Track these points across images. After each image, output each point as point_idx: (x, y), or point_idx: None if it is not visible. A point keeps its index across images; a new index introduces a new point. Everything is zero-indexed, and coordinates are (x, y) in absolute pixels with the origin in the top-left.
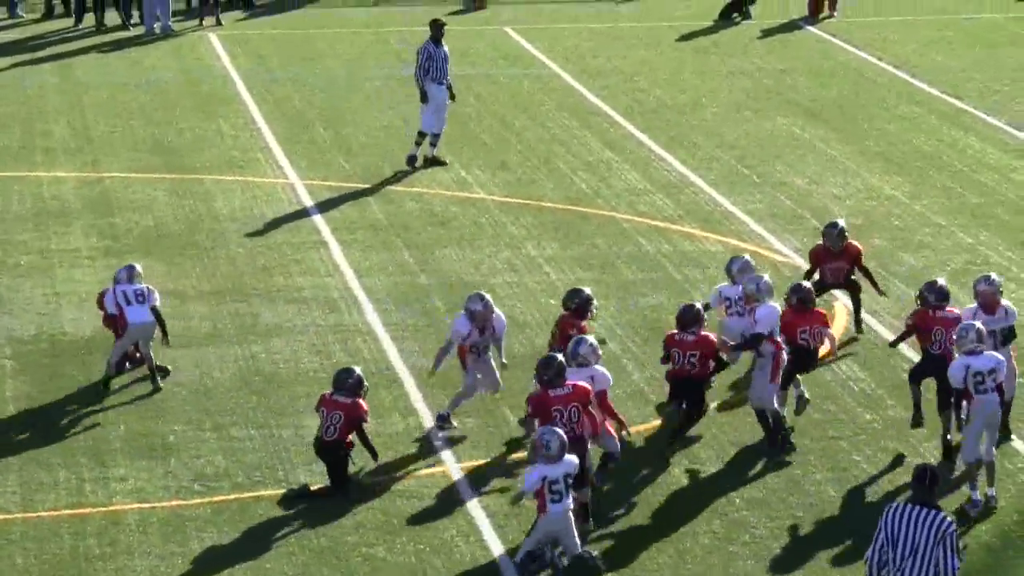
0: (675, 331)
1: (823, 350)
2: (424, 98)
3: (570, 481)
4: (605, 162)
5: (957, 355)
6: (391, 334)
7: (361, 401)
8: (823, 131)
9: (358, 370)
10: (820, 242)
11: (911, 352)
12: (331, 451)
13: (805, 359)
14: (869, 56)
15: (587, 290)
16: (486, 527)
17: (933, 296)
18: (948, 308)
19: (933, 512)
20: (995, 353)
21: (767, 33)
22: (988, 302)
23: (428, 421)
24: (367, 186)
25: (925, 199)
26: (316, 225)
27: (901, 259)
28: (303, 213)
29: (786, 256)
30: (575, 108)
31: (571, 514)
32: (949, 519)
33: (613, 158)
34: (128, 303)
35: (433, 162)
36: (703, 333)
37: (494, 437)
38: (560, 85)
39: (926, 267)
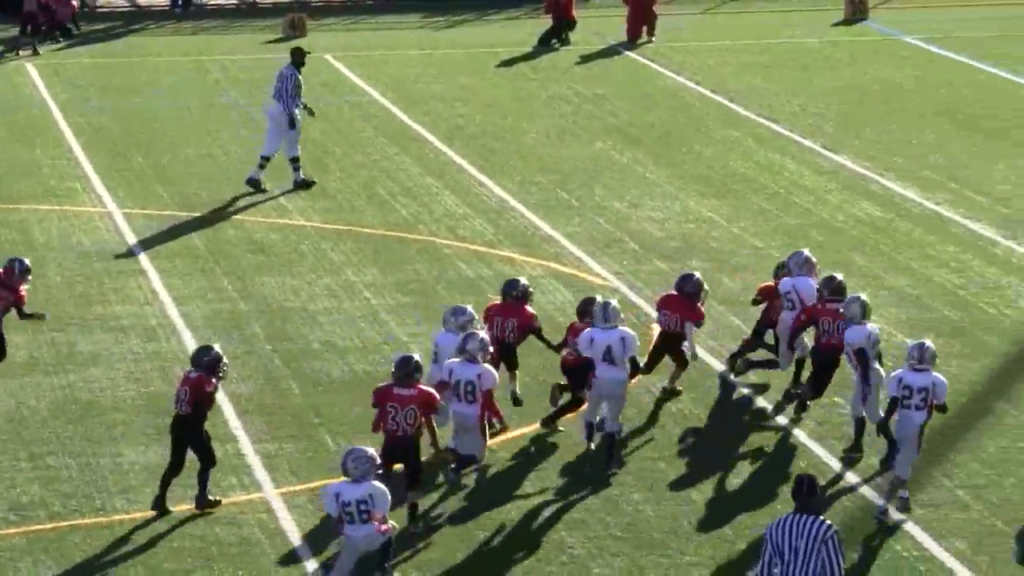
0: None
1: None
2: (292, 123)
3: (364, 508)
4: (425, 188)
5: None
6: None
7: (213, 379)
8: (642, 155)
9: (217, 348)
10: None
11: (718, 364)
12: (184, 425)
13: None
14: (687, 80)
15: (599, 297)
16: (304, 552)
17: (827, 291)
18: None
19: (813, 518)
20: (939, 375)
21: (586, 58)
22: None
23: (246, 447)
24: (185, 214)
25: (743, 221)
26: (134, 253)
27: (719, 281)
28: (121, 241)
29: (605, 279)
30: (395, 134)
31: (381, 540)
32: (829, 524)
33: (433, 184)
34: None
35: (257, 185)
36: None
37: (312, 462)
38: (380, 111)
39: (744, 289)
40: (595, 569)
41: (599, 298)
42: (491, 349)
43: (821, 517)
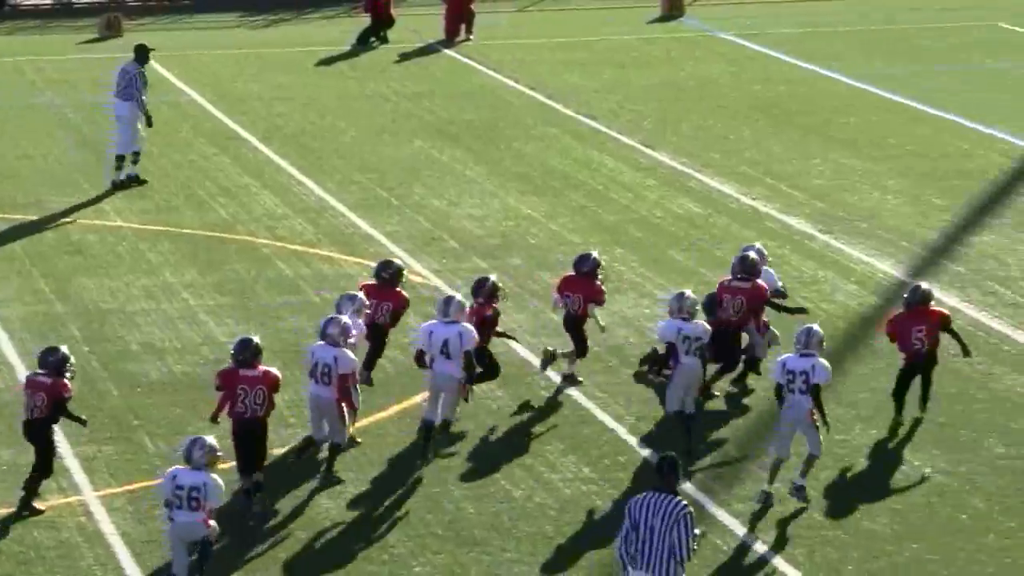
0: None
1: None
2: (150, 122)
3: (194, 495)
4: (244, 187)
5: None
6: (27, 364)
7: (65, 381)
8: (461, 153)
9: (64, 349)
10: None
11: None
12: (37, 431)
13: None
14: (505, 78)
15: (492, 277)
16: (124, 555)
17: (735, 268)
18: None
19: (669, 497)
20: (821, 359)
21: (404, 57)
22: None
23: (64, 449)
24: (1, 216)
25: (561, 218)
26: None
27: (538, 278)
28: None
29: (424, 277)
30: (213, 134)
31: (202, 533)
32: (684, 504)
33: (252, 183)
34: None
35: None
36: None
37: (131, 464)
38: (198, 111)
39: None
40: (416, 567)
41: (454, 299)
42: (354, 334)
43: (678, 497)
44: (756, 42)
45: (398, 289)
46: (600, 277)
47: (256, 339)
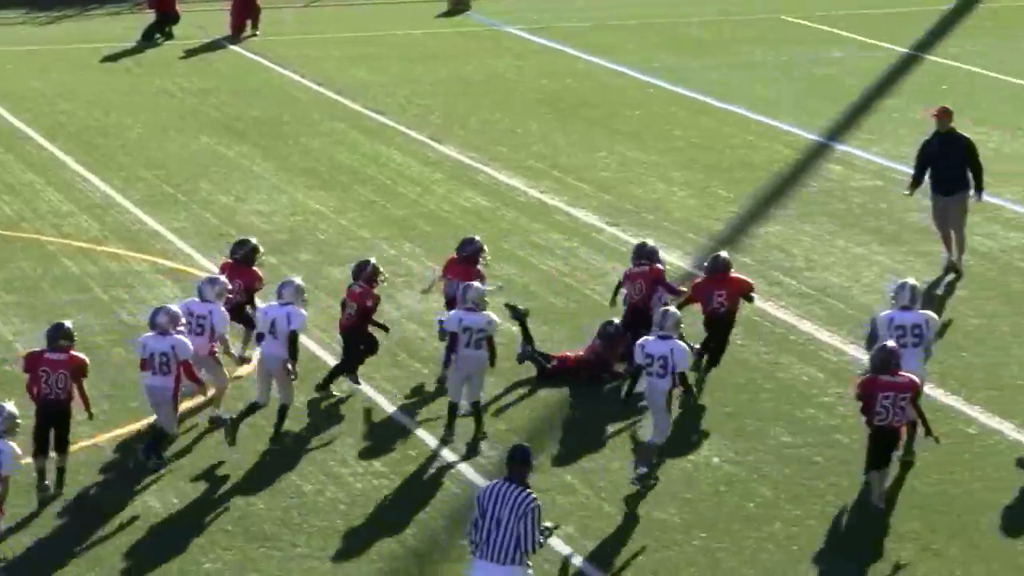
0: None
1: None
2: None
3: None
4: (28, 185)
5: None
6: None
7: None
8: (248, 149)
9: (68, 323)
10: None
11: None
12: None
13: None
14: (292, 74)
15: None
16: None
17: (634, 255)
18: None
19: (518, 489)
20: (679, 342)
21: (190, 53)
22: None
23: None
24: None
25: (350, 213)
26: None
27: (328, 273)
28: None
29: (213, 274)
30: None
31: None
32: (532, 496)
33: (36, 180)
34: None
35: None
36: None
37: None
38: None
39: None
40: (206, 564)
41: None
42: (183, 321)
43: (527, 490)
44: (542, 36)
45: (253, 268)
46: (483, 262)
47: (68, 324)
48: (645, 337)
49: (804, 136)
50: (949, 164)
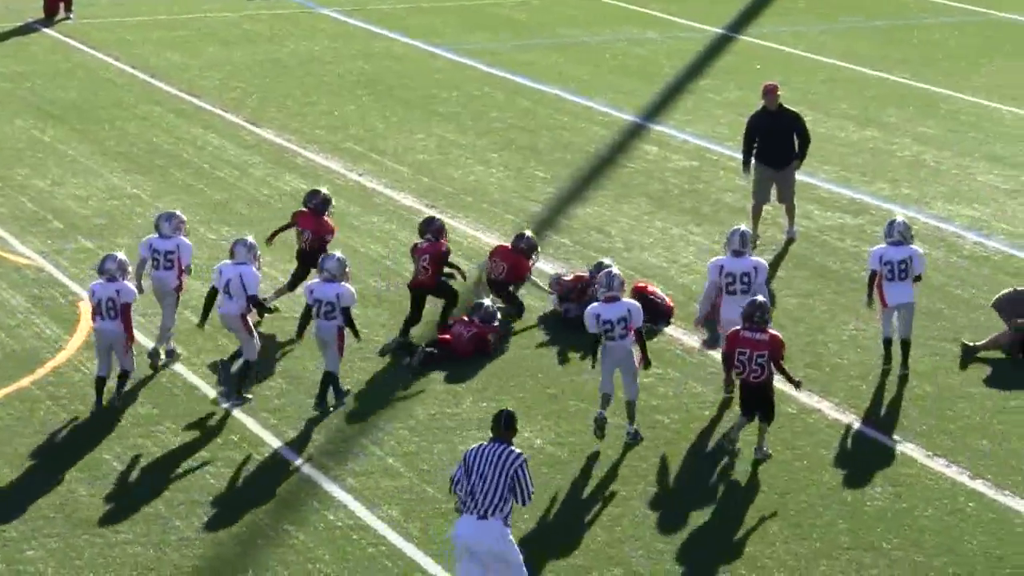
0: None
1: None
2: None
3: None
4: None
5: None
6: None
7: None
8: (63, 133)
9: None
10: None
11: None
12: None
13: None
14: (106, 57)
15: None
16: None
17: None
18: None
19: (506, 448)
20: (633, 301)
21: (3, 36)
22: None
23: None
24: None
25: (167, 197)
26: None
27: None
28: None
29: (30, 258)
30: None
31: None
32: (519, 453)
33: None
34: None
35: None
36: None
37: None
38: None
39: None
40: (28, 551)
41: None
42: (130, 268)
43: (512, 448)
44: (358, 18)
45: (325, 218)
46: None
47: None
48: (593, 305)
49: (620, 117)
50: (780, 139)
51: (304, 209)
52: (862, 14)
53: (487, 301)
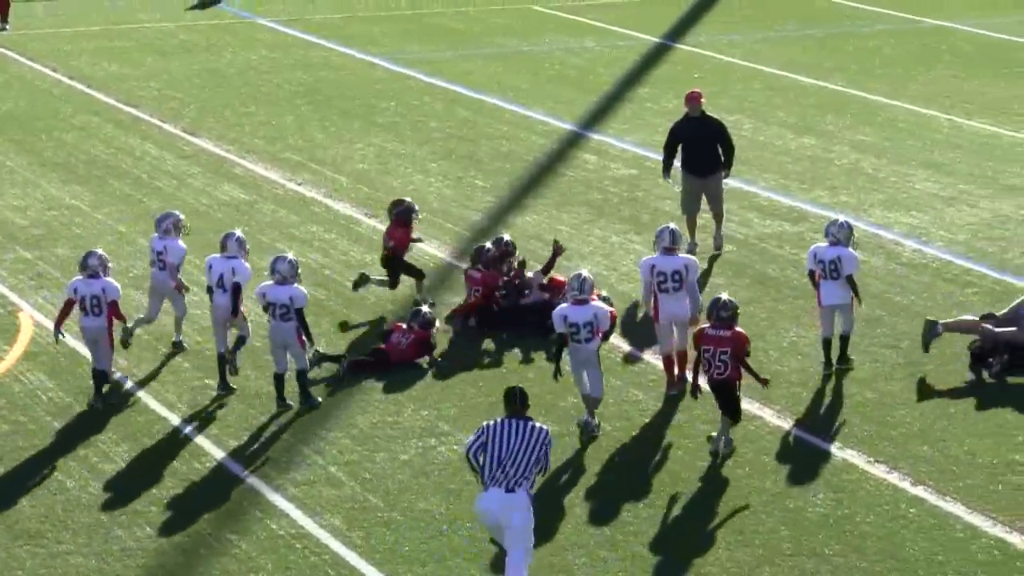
0: None
1: None
2: None
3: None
4: None
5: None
6: None
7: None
8: (1, 143)
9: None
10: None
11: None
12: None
13: None
14: (43, 68)
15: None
16: None
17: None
18: None
19: (530, 423)
20: (601, 305)
21: None
22: None
23: None
24: None
25: (106, 207)
26: None
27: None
28: None
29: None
30: None
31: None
32: (544, 428)
33: None
34: None
35: None
36: None
37: None
38: None
39: None
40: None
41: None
42: (109, 264)
43: (536, 423)
44: (296, 28)
45: (408, 227)
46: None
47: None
48: (562, 306)
49: (559, 126)
50: (704, 146)
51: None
52: (798, 22)
53: (425, 308)
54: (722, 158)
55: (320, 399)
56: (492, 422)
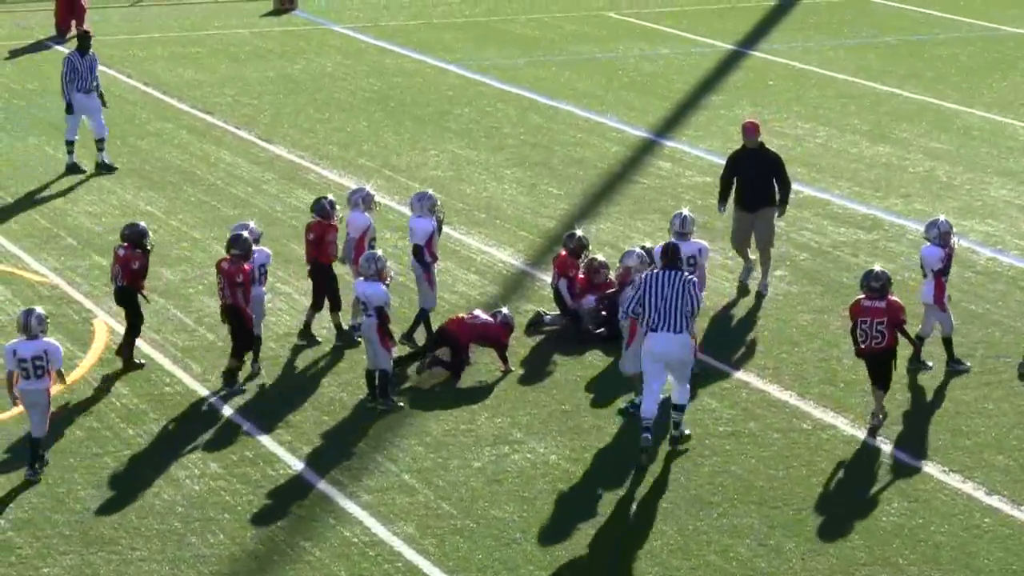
0: None
1: None
2: (69, 109)
3: (39, 363)
4: None
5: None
6: None
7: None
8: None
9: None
10: None
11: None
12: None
13: None
14: (118, 74)
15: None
16: None
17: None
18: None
19: (678, 272)
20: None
21: (15, 53)
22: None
23: None
24: None
25: (181, 214)
26: None
27: (159, 273)
28: None
29: (44, 275)
30: None
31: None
32: (688, 275)
33: None
34: None
35: (103, 167)
36: None
37: None
38: None
39: (184, 280)
40: (44, 568)
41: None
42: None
43: (682, 272)
44: (369, 35)
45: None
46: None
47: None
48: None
49: (633, 133)
50: (758, 180)
51: None
52: (873, 30)
53: (505, 310)
54: (777, 194)
55: (402, 404)
56: (648, 274)
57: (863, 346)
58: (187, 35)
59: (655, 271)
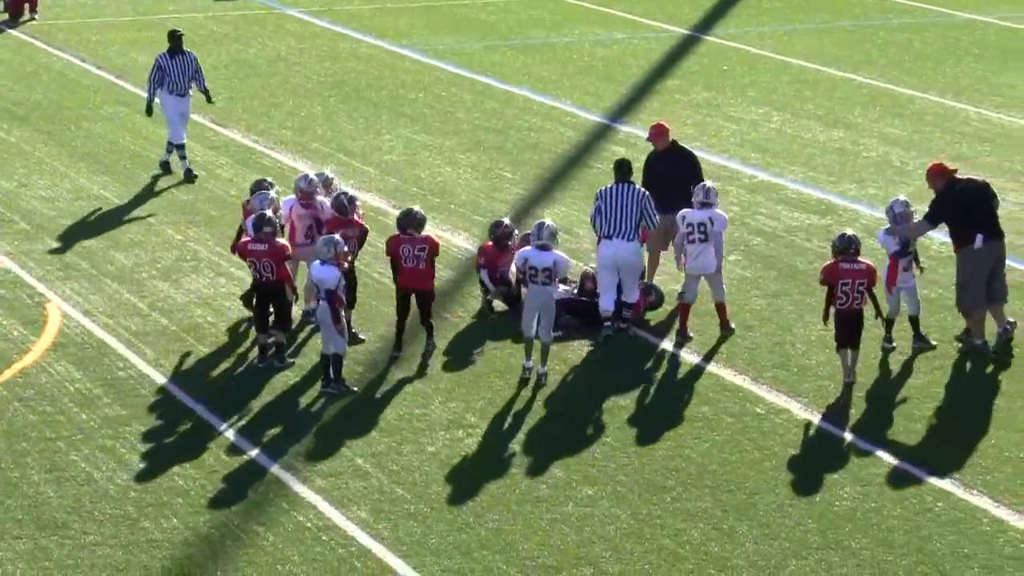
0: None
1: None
2: (148, 111)
3: None
4: None
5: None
6: None
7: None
8: (29, 133)
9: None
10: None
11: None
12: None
13: None
14: (72, 58)
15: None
16: None
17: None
18: None
19: (632, 186)
20: (559, 254)
21: None
22: None
23: None
24: None
25: (134, 198)
26: None
27: (113, 258)
28: None
29: None
30: None
31: None
32: (643, 190)
33: None
34: None
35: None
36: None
37: None
38: None
39: (137, 264)
40: None
41: None
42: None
43: (636, 186)
44: (324, 19)
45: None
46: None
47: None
48: (525, 248)
49: (587, 118)
50: (674, 181)
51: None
52: (827, 15)
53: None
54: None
55: (356, 388)
56: (604, 188)
57: (843, 307)
58: (141, 19)
59: (609, 185)
